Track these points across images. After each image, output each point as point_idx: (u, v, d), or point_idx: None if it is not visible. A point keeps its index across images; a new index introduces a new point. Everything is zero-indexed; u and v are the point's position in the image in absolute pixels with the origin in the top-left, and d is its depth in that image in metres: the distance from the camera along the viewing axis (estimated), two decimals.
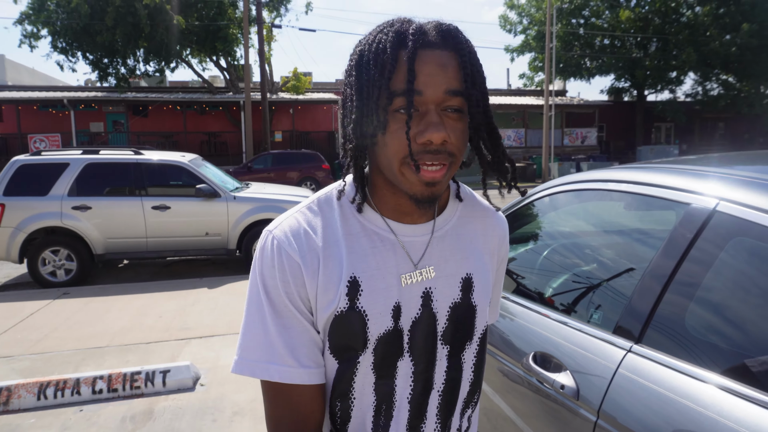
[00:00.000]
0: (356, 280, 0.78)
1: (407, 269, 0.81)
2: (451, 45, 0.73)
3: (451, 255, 0.85)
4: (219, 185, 6.79)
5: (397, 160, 0.73)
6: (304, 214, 0.83)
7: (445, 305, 0.84)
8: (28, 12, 20.09)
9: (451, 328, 0.84)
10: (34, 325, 4.65)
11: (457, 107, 0.73)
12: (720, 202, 1.23)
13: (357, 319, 0.78)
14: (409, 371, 0.82)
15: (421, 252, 0.83)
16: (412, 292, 0.81)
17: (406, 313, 0.81)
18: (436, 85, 0.71)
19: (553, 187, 1.96)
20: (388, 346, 0.80)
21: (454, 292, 0.84)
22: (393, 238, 0.82)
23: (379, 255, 0.80)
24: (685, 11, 24.85)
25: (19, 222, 6.20)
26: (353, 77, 0.76)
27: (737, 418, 0.98)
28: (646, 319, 1.27)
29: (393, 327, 0.80)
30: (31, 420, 3.03)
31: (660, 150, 23.66)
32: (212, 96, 22.44)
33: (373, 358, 0.80)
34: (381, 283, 0.79)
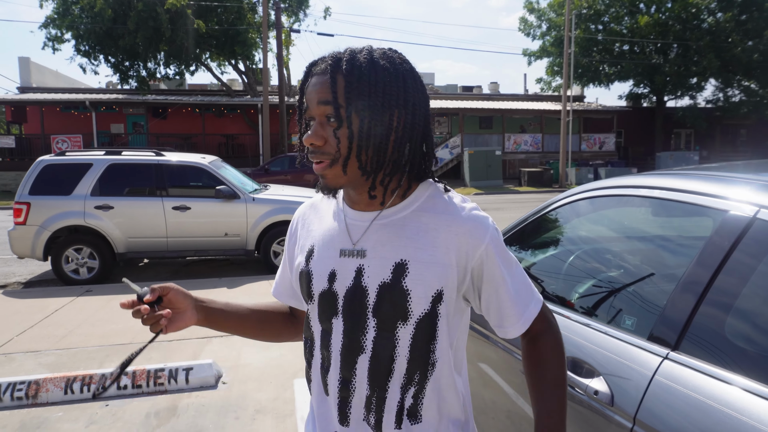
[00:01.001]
0: (312, 248, 1.04)
1: (346, 245, 1.00)
2: (329, 70, 0.91)
3: (388, 240, 0.97)
4: (238, 187, 6.86)
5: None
6: (313, 199, 1.14)
7: (375, 283, 0.96)
8: (53, 16, 20.54)
9: (379, 303, 0.96)
10: (59, 321, 4.73)
11: (331, 115, 0.91)
12: (760, 210, 1.23)
13: (307, 276, 1.03)
14: (341, 329, 0.99)
15: (360, 234, 0.99)
16: (347, 265, 0.98)
17: (341, 281, 0.98)
18: (311, 100, 0.92)
19: (578, 193, 1.95)
20: (325, 302, 1.00)
21: (385, 273, 0.96)
22: (343, 218, 1.03)
23: (332, 232, 1.03)
24: (707, 17, 24.54)
25: (43, 220, 6.33)
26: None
27: None
28: (684, 326, 1.26)
29: (328, 288, 0.99)
30: (59, 413, 3.10)
31: (680, 156, 23.33)
32: (230, 99, 22.69)
33: (318, 309, 1.02)
34: (325, 252, 1.02)
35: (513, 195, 18.07)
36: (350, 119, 0.90)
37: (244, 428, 2.95)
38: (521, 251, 2.27)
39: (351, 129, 0.90)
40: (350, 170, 0.92)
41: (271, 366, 3.77)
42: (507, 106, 25.54)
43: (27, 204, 6.31)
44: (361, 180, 0.95)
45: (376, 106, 0.91)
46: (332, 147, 0.91)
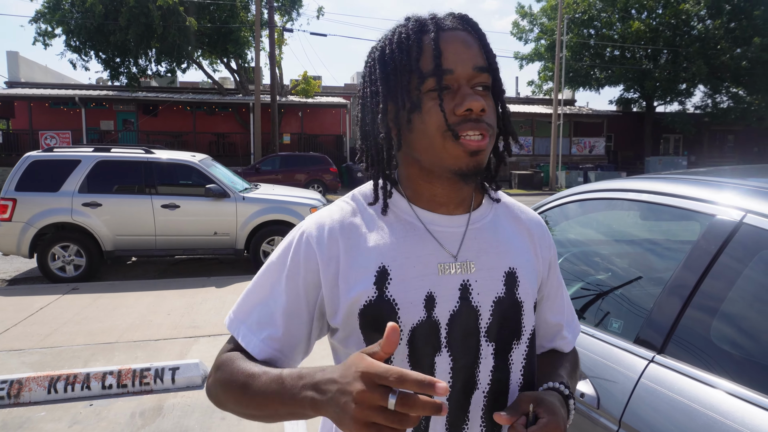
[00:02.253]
0: (385, 269, 0.78)
1: (444, 258, 0.80)
2: (468, 27, 0.78)
3: (490, 247, 0.83)
4: (228, 186, 6.82)
5: (439, 134, 0.74)
6: (338, 206, 0.86)
7: (488, 300, 0.80)
8: (43, 11, 20.30)
9: (496, 324, 0.81)
10: (44, 319, 4.67)
11: (485, 84, 0.77)
12: (747, 215, 1.23)
13: (387, 308, 0.76)
14: (448, 367, 0.78)
15: (458, 243, 0.81)
16: (448, 283, 0.79)
17: (442, 305, 0.78)
18: (464, 62, 0.75)
19: (568, 196, 1.96)
20: (423, 338, 0.77)
21: (497, 286, 0.81)
22: (421, 226, 0.81)
23: (410, 243, 0.80)
24: (696, 24, 24.81)
25: (30, 217, 6.24)
26: (377, 71, 0.79)
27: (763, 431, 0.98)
28: (670, 329, 1.26)
29: (426, 318, 0.77)
30: (42, 413, 3.05)
31: (669, 161, 23.57)
32: (222, 97, 22.57)
33: (408, 350, 0.77)
34: (411, 271, 0.78)
35: None
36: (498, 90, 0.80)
37: (230, 429, 2.92)
38: None
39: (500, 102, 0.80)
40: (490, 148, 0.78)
41: None
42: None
43: (13, 200, 6.22)
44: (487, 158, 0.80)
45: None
46: (492, 118, 0.77)
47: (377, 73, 0.79)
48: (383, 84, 0.78)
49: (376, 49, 0.81)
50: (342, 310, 0.79)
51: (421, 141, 0.77)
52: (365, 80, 0.82)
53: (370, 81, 0.81)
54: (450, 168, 0.76)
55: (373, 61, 0.80)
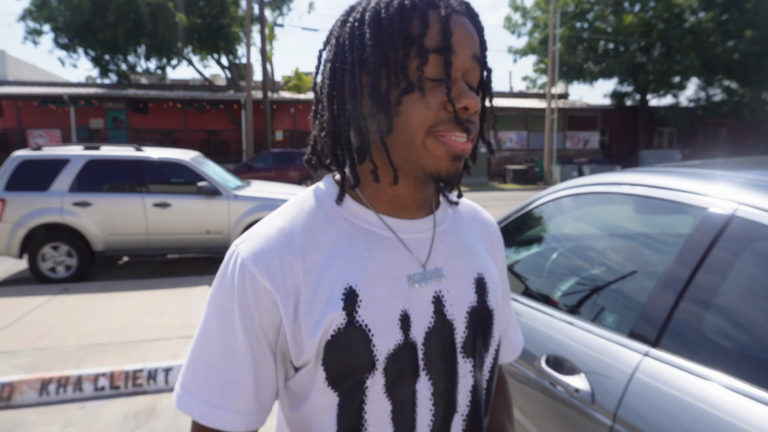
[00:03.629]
0: (353, 290, 0.66)
1: (414, 270, 0.70)
2: (471, 15, 0.69)
3: (457, 253, 0.75)
4: (220, 183, 6.78)
5: (422, 130, 0.64)
6: (278, 222, 0.70)
7: (462, 311, 0.72)
8: (30, 8, 20.09)
9: (472, 337, 0.72)
10: (35, 321, 4.63)
11: (473, 81, 0.68)
12: (739, 207, 1.22)
13: (359, 336, 0.65)
14: (429, 393, 0.69)
15: (427, 250, 0.71)
16: (420, 297, 0.69)
17: (417, 323, 0.68)
18: (466, 48, 0.65)
19: (562, 190, 1.95)
20: (400, 364, 0.67)
21: (469, 294, 0.73)
22: (391, 235, 0.70)
23: (377, 257, 0.69)
24: (689, 17, 24.90)
25: (19, 217, 6.17)
26: (366, 37, 0.65)
27: (756, 423, 0.97)
28: (664, 323, 1.25)
29: (404, 341, 0.67)
30: (34, 416, 3.02)
31: (663, 155, 23.68)
32: (213, 94, 22.43)
33: (385, 380, 0.66)
34: (381, 289, 0.67)
35: (498, 192, 18.16)
36: (486, 89, 0.72)
37: None
38: (505, 249, 2.26)
39: (485, 98, 0.73)
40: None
41: None
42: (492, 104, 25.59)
43: (2, 200, 6.15)
44: None
45: None
46: (478, 119, 0.69)
47: (365, 40, 0.65)
48: (374, 53, 0.64)
49: (364, 10, 0.67)
50: (307, 349, 0.66)
51: (399, 134, 0.65)
52: (341, 49, 0.68)
53: (350, 48, 0.66)
54: (426, 169, 0.66)
55: (359, 25, 0.66)
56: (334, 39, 0.70)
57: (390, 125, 0.65)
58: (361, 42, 0.66)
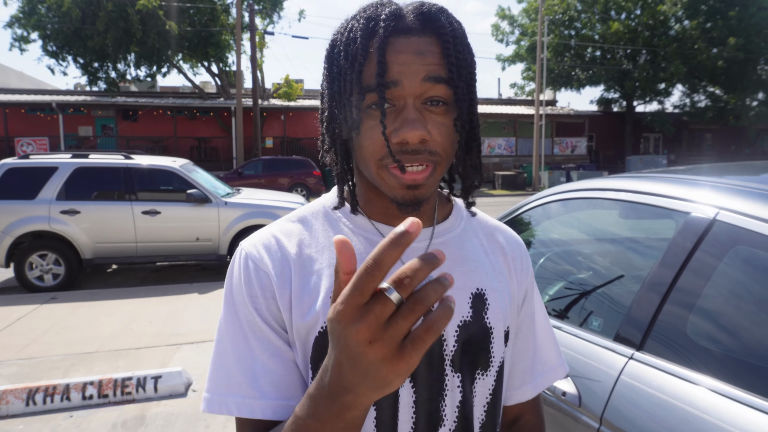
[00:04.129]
0: None
1: None
2: (431, 29, 0.65)
3: (456, 265, 0.74)
4: (210, 191, 6.75)
5: (373, 161, 0.65)
6: (281, 225, 0.76)
7: (453, 324, 0.72)
8: (18, 15, 19.94)
9: (461, 352, 0.72)
10: (22, 330, 4.57)
11: (441, 98, 0.64)
12: (720, 212, 1.25)
13: None
14: (411, 400, 0.69)
15: None
16: None
17: None
18: (412, 74, 0.63)
19: (550, 195, 1.97)
20: None
21: (463, 308, 0.73)
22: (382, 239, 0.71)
23: None
24: (674, 24, 25.30)
25: (5, 226, 6.10)
26: (325, 71, 0.70)
27: (739, 425, 0.99)
28: (648, 326, 1.28)
29: None
30: (20, 426, 2.98)
31: (649, 160, 23.95)
32: (203, 101, 22.37)
33: None
34: None
35: (487, 198, 18.24)
36: (459, 105, 0.66)
37: None
38: None
39: (463, 119, 0.67)
40: (437, 176, 0.68)
41: None
42: (481, 110, 25.80)
43: None
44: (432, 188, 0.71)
45: (472, 86, 0.69)
46: (438, 144, 0.65)
47: (326, 75, 0.69)
48: (328, 90, 0.68)
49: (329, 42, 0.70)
50: (298, 339, 0.69)
51: (360, 160, 0.69)
52: (323, 75, 0.72)
53: (323, 78, 0.71)
54: (388, 195, 0.68)
55: (324, 59, 0.70)
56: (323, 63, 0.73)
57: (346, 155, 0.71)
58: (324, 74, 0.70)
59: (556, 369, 0.86)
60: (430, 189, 0.67)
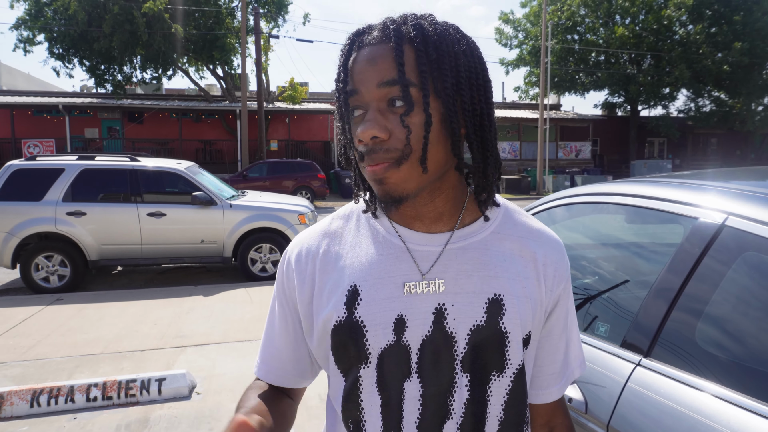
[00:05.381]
0: (356, 289, 0.74)
1: (412, 278, 0.74)
2: (390, 39, 0.69)
3: (474, 270, 0.76)
4: (215, 193, 6.77)
5: (355, 161, 0.77)
6: (322, 224, 0.85)
7: (465, 327, 0.74)
8: (24, 18, 20.09)
9: (472, 354, 0.74)
10: (27, 331, 4.59)
11: (398, 98, 0.68)
12: (729, 217, 1.24)
13: (355, 330, 0.73)
14: (417, 394, 0.74)
15: (431, 261, 0.75)
16: (420, 305, 0.74)
17: (414, 329, 0.73)
18: (367, 81, 0.70)
19: (554, 199, 1.97)
20: (392, 363, 0.73)
21: (477, 313, 0.74)
22: (401, 244, 0.76)
23: (384, 262, 0.75)
24: (678, 29, 25.26)
25: (12, 227, 6.14)
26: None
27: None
28: (655, 332, 1.27)
29: (395, 341, 0.73)
30: (24, 427, 2.98)
31: (653, 164, 23.88)
32: (208, 104, 22.46)
33: (377, 375, 0.74)
34: (382, 292, 0.74)
35: None
36: (427, 101, 0.69)
37: None
38: None
39: (428, 113, 0.69)
40: (409, 172, 0.71)
41: (246, 375, 3.71)
42: None
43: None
44: (435, 185, 0.75)
45: (456, 85, 0.72)
46: (399, 141, 0.69)
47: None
48: (336, 98, 0.77)
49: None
50: (316, 330, 0.79)
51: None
52: None
53: None
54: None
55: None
56: None
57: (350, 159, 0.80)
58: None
59: (575, 370, 0.90)
60: (400, 185, 0.70)
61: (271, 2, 22.74)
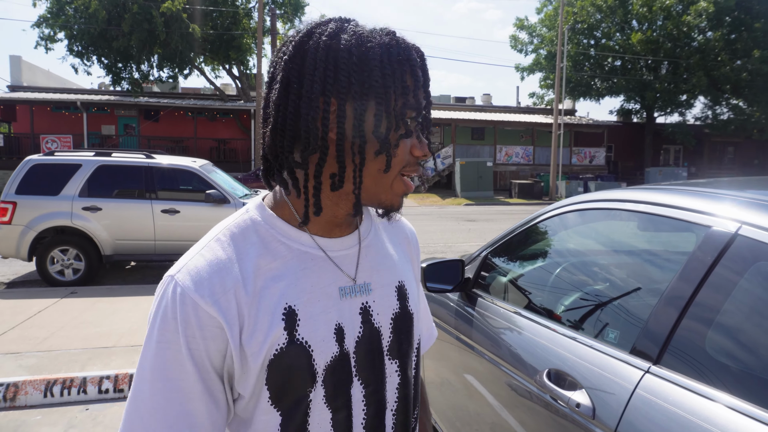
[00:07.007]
0: (292, 309, 0.70)
1: (346, 284, 0.76)
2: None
3: (380, 264, 0.82)
4: (229, 191, 6.84)
5: (397, 170, 0.73)
6: (213, 249, 0.71)
7: (387, 317, 0.79)
8: (46, 15, 20.44)
9: (396, 340, 0.80)
10: (42, 323, 4.67)
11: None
12: (742, 226, 1.24)
13: (300, 353, 0.69)
14: (361, 396, 0.76)
15: (354, 264, 0.78)
16: (351, 309, 0.75)
17: (350, 334, 0.75)
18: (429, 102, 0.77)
19: (567, 205, 1.97)
20: (337, 374, 0.73)
21: (393, 302, 0.81)
22: (322, 254, 0.75)
23: (311, 275, 0.73)
24: (697, 36, 24.97)
25: (29, 220, 6.25)
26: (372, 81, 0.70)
27: None
28: (665, 340, 1.26)
29: (339, 352, 0.73)
30: (38, 417, 3.04)
31: (669, 172, 23.62)
32: (223, 103, 22.66)
33: (324, 391, 0.72)
34: (317, 306, 0.72)
35: (503, 206, 18.15)
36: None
37: None
38: (508, 262, 2.28)
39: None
40: None
41: None
42: (499, 118, 25.73)
43: (13, 203, 6.23)
44: None
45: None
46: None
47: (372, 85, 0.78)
48: (374, 100, 0.75)
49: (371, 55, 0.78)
50: (253, 370, 0.69)
51: (373, 171, 0.77)
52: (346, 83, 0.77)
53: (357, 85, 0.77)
54: (383, 203, 0.78)
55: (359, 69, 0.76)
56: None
57: (389, 164, 0.71)
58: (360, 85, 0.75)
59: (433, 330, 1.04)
60: None
61: (287, 3, 22.90)
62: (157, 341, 0.67)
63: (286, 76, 0.70)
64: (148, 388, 0.67)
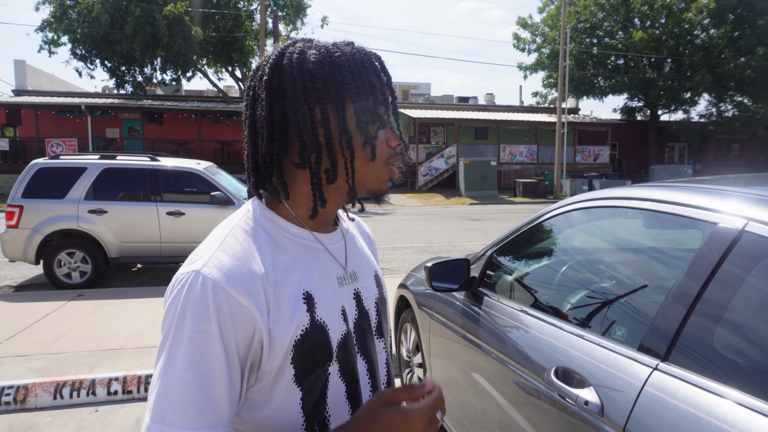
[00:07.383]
0: (309, 294, 0.79)
1: (341, 273, 0.88)
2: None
3: (361, 255, 0.95)
4: (233, 193, 6.86)
5: (382, 159, 0.83)
6: (232, 245, 0.77)
7: (372, 302, 0.93)
8: (49, 20, 20.54)
9: (380, 322, 0.94)
10: (50, 325, 4.70)
11: None
12: (749, 223, 1.24)
13: (321, 332, 0.79)
14: (365, 370, 0.88)
15: (344, 256, 0.90)
16: (348, 294, 0.88)
17: (350, 315, 0.86)
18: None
19: (572, 203, 1.97)
20: (347, 350, 0.84)
21: (374, 288, 0.95)
22: (321, 247, 0.86)
23: (317, 265, 0.83)
24: (700, 33, 24.87)
25: (36, 224, 6.29)
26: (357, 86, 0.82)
27: None
28: (673, 337, 1.27)
29: (346, 330, 0.84)
30: (48, 419, 3.06)
31: (673, 169, 23.53)
32: (227, 105, 22.72)
33: (338, 366, 0.82)
34: (327, 290, 0.83)
35: (508, 205, 18.13)
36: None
37: None
38: (514, 261, 2.28)
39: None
40: None
41: None
42: (502, 117, 25.70)
43: (19, 207, 6.27)
44: None
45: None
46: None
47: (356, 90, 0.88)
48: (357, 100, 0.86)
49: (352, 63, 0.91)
50: (281, 349, 0.75)
51: (364, 165, 0.87)
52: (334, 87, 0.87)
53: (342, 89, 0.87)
54: (371, 190, 0.87)
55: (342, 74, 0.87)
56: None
57: (374, 152, 0.82)
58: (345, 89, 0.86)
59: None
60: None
61: (289, 5, 22.94)
62: (191, 331, 0.70)
63: (269, 94, 0.80)
64: (179, 375, 0.70)
